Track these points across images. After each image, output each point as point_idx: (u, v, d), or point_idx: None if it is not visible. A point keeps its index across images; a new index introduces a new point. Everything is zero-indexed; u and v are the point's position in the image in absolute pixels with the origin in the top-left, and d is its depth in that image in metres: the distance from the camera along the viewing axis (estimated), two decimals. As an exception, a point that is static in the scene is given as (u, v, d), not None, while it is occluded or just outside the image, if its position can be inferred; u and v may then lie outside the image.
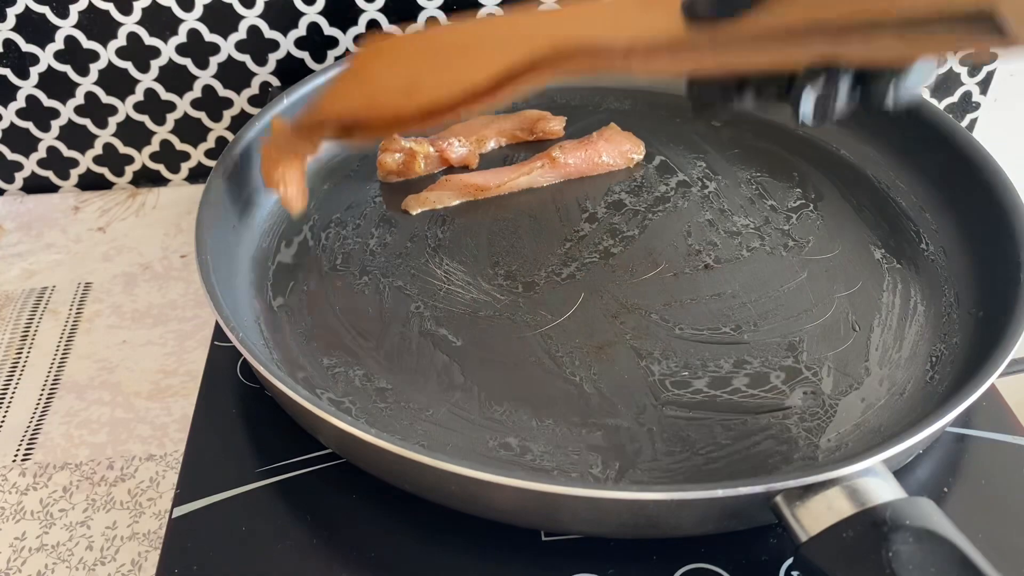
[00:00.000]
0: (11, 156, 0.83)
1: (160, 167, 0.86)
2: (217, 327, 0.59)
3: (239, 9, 0.78)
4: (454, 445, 0.50)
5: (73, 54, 0.79)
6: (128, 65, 0.80)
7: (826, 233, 0.64)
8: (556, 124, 0.73)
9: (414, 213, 0.67)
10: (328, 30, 0.80)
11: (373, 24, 0.80)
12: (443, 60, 0.53)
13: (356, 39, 0.81)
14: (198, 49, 0.80)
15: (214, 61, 0.81)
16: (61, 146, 0.83)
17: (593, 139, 0.70)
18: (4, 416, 0.62)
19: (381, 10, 0.80)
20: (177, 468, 0.56)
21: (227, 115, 0.84)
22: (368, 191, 0.69)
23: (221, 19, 0.78)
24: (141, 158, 0.85)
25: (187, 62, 0.80)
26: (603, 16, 0.47)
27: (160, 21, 0.78)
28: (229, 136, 0.85)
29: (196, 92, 0.82)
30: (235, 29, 0.79)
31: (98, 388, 0.64)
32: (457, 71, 0.51)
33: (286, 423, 0.52)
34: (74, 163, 0.84)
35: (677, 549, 0.46)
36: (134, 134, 0.83)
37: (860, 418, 0.52)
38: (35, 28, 0.77)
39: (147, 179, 0.86)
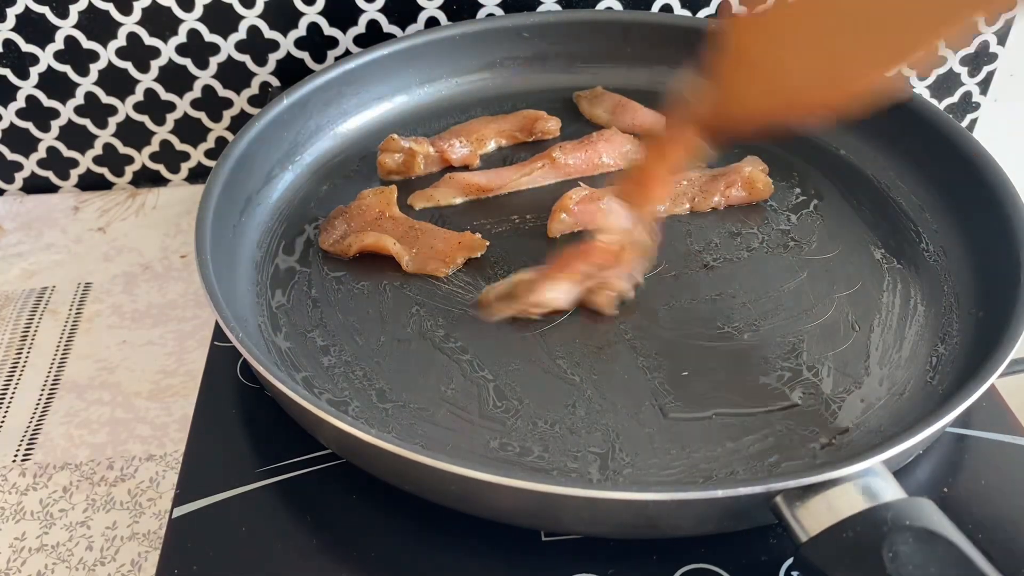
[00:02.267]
0: (11, 156, 0.83)
1: (160, 167, 0.86)
2: (217, 327, 0.59)
3: (239, 9, 0.78)
4: (454, 445, 0.50)
5: (73, 54, 0.79)
6: (128, 65, 0.80)
7: (826, 233, 0.64)
8: (552, 124, 0.73)
9: (417, 208, 0.67)
10: (328, 30, 0.80)
11: (373, 24, 0.80)
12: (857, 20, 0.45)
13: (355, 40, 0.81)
14: (198, 49, 0.80)
15: (214, 61, 0.81)
16: (61, 146, 0.83)
17: (593, 140, 0.70)
18: (4, 416, 0.62)
19: (381, 10, 0.80)
20: (177, 468, 0.56)
21: (227, 115, 0.84)
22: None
23: (221, 19, 0.78)
24: (141, 158, 0.85)
25: (187, 62, 0.80)
26: None
27: (160, 21, 0.78)
28: (229, 136, 0.85)
29: (196, 92, 0.82)
30: (235, 29, 0.79)
31: (98, 388, 0.64)
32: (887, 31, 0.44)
33: (286, 423, 0.52)
34: (74, 163, 0.84)
35: (677, 549, 0.46)
36: (134, 134, 0.83)
37: (860, 418, 0.52)
38: (35, 28, 0.77)
39: (147, 179, 0.86)
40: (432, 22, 0.81)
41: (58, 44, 0.78)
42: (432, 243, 0.62)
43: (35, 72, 0.79)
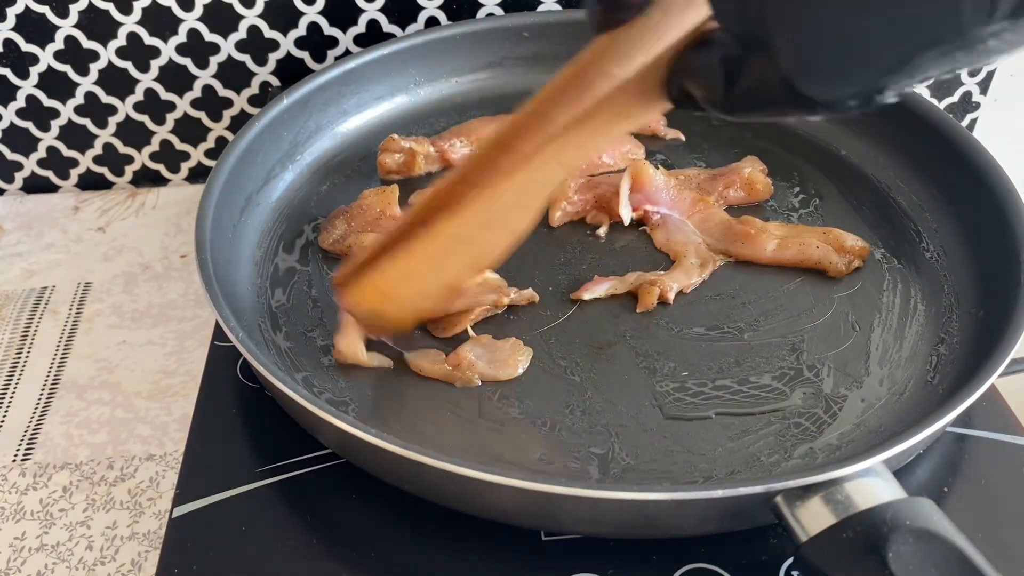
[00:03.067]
0: (11, 156, 0.83)
1: (160, 167, 0.86)
2: (217, 327, 0.59)
3: (239, 9, 0.78)
4: (454, 445, 0.50)
5: (73, 54, 0.79)
6: (128, 65, 0.80)
7: (826, 233, 0.64)
8: None
9: None
10: (328, 30, 0.80)
11: (373, 24, 0.80)
12: (456, 253, 0.50)
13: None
14: (198, 49, 0.80)
15: (214, 61, 0.81)
16: (61, 146, 0.83)
17: (593, 139, 0.70)
18: (4, 416, 0.62)
19: (381, 10, 0.80)
20: (177, 468, 0.56)
21: (227, 115, 0.84)
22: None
23: (221, 19, 0.78)
24: (141, 158, 0.85)
25: (187, 62, 0.80)
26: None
27: (160, 21, 0.78)
28: (229, 136, 0.84)
29: (196, 92, 0.82)
30: (235, 29, 0.79)
31: (98, 388, 0.64)
32: (481, 249, 0.50)
33: (286, 423, 0.52)
34: (74, 163, 0.84)
35: (677, 549, 0.46)
36: (134, 134, 0.83)
37: (860, 418, 0.52)
38: (35, 28, 0.77)
39: (147, 179, 0.86)
40: (432, 22, 0.81)
41: (58, 44, 0.78)
42: None
43: (35, 72, 0.79)
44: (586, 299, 0.59)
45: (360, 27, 0.81)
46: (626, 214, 0.63)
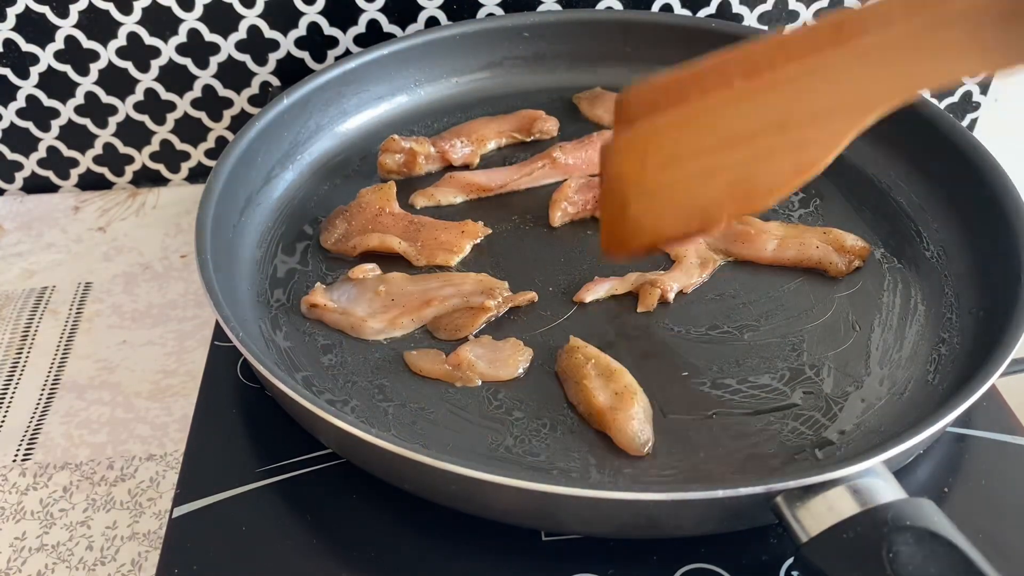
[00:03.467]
0: (11, 156, 0.83)
1: (160, 167, 0.86)
2: (217, 327, 0.59)
3: (239, 9, 0.78)
4: (454, 445, 0.50)
5: (73, 54, 0.79)
6: (128, 65, 0.80)
7: (826, 233, 0.64)
8: (551, 125, 0.73)
9: (419, 207, 0.67)
10: (328, 30, 0.80)
11: (373, 24, 0.80)
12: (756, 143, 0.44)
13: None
14: (198, 49, 0.80)
15: (214, 61, 0.81)
16: (61, 146, 0.83)
17: (593, 139, 0.70)
18: (4, 416, 0.62)
19: (381, 10, 0.80)
20: (177, 468, 0.56)
21: (227, 115, 0.84)
22: (368, 191, 0.69)
23: (221, 19, 0.78)
24: (141, 158, 0.85)
25: (187, 62, 0.80)
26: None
27: (160, 21, 0.78)
28: (229, 136, 0.84)
29: (196, 92, 0.82)
30: (235, 29, 0.79)
31: (98, 388, 0.64)
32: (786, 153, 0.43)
33: (286, 423, 0.52)
34: (74, 163, 0.84)
35: (677, 549, 0.46)
36: (134, 134, 0.83)
37: (860, 418, 0.52)
38: (35, 28, 0.77)
39: (147, 179, 0.86)
40: (432, 22, 0.81)
41: (58, 44, 0.78)
42: (435, 235, 0.63)
43: (35, 72, 0.79)
44: (587, 301, 0.59)
45: (360, 27, 0.81)
46: None
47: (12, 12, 0.76)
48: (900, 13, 0.40)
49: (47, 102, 0.81)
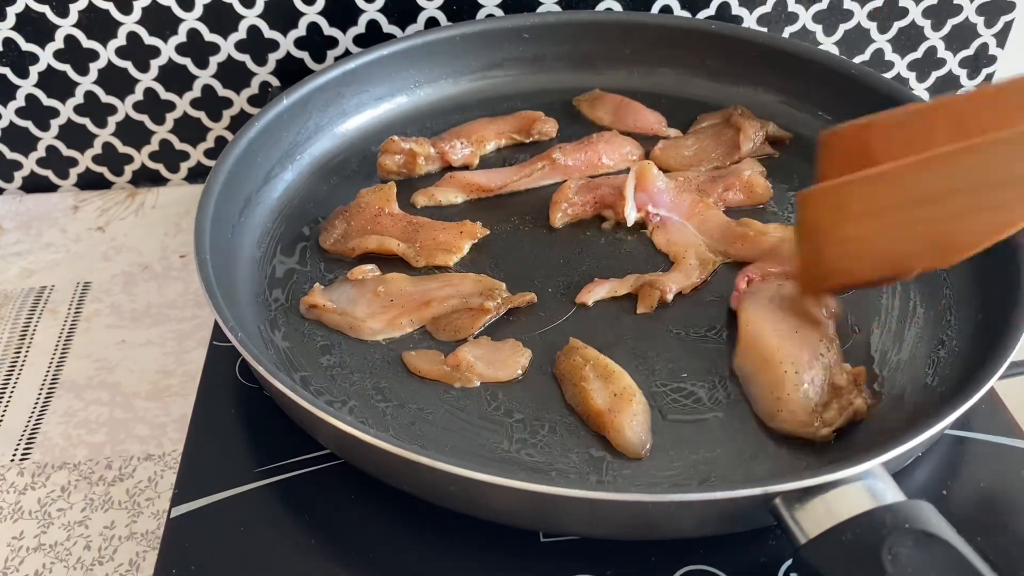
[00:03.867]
0: (10, 155, 0.83)
1: (159, 167, 0.86)
2: (216, 327, 0.59)
3: (239, 9, 0.78)
4: (453, 446, 0.50)
5: (73, 53, 0.79)
6: (128, 64, 0.80)
7: (826, 235, 0.64)
8: (550, 126, 0.73)
9: (419, 207, 0.67)
10: (328, 30, 0.80)
11: (373, 24, 0.80)
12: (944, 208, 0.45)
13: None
14: (198, 49, 0.80)
15: (214, 61, 0.80)
16: (60, 145, 0.83)
17: (593, 141, 0.70)
18: (2, 415, 0.62)
19: (381, 10, 0.80)
20: (175, 468, 0.56)
21: (227, 115, 0.84)
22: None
23: (221, 19, 0.78)
24: (140, 157, 0.85)
25: (187, 62, 0.80)
26: None
27: (160, 20, 0.78)
28: (228, 136, 0.84)
29: (196, 92, 0.82)
30: (235, 29, 0.79)
31: (97, 388, 0.64)
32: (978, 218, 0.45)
33: (285, 423, 0.52)
34: (73, 162, 0.84)
35: (676, 551, 0.46)
36: (133, 133, 0.83)
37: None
38: (35, 27, 0.77)
39: (146, 178, 0.86)
40: (432, 22, 0.81)
41: (58, 43, 0.78)
42: (434, 235, 0.63)
43: (35, 71, 0.79)
44: (590, 304, 0.59)
45: (360, 27, 0.81)
46: (631, 213, 0.63)
47: (12, 11, 0.76)
48: None
49: (46, 101, 0.81)
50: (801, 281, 0.55)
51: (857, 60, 0.86)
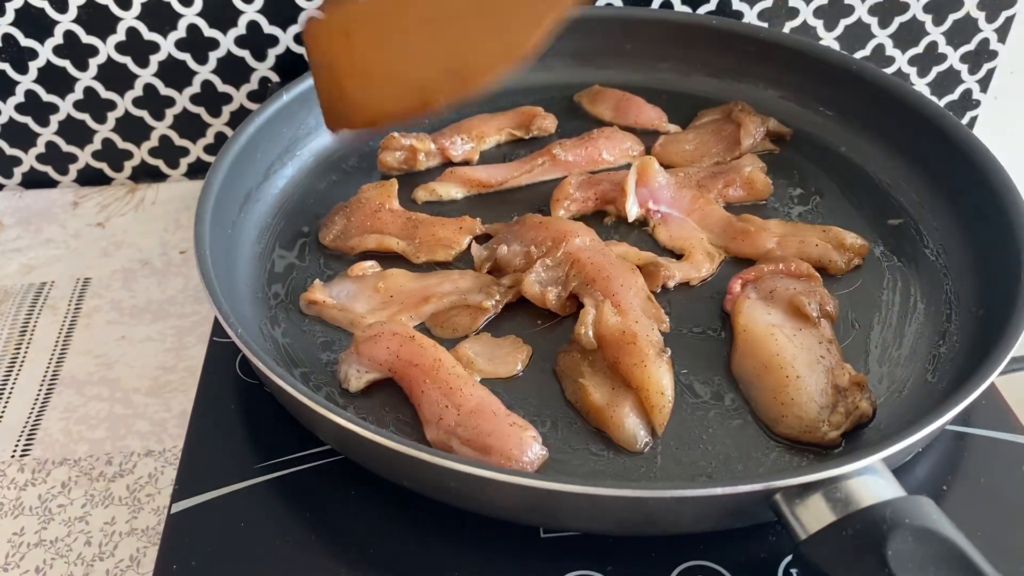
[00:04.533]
0: (10, 151, 0.83)
1: (159, 162, 0.86)
2: (216, 323, 0.59)
3: (238, 4, 0.78)
4: (453, 442, 0.50)
5: (72, 49, 0.79)
6: (127, 60, 0.80)
7: (826, 231, 0.64)
8: (549, 122, 0.73)
9: (420, 202, 0.67)
10: (328, 26, 0.80)
11: (373, 20, 0.80)
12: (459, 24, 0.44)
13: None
14: (197, 44, 0.80)
15: (213, 56, 0.80)
16: (60, 141, 0.83)
17: (593, 136, 0.70)
18: (3, 411, 0.62)
19: (381, 6, 0.79)
20: (176, 464, 0.56)
21: (226, 110, 0.84)
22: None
23: (220, 14, 0.78)
24: (140, 153, 0.85)
25: (186, 57, 0.80)
26: None
27: (159, 16, 0.78)
28: (228, 131, 0.84)
29: (195, 87, 0.82)
30: (234, 24, 0.79)
31: (97, 384, 0.64)
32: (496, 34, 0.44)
33: (285, 419, 0.52)
34: (73, 158, 0.84)
35: (676, 546, 0.46)
36: (133, 129, 0.83)
37: (859, 416, 0.52)
38: (34, 23, 0.77)
39: (146, 174, 0.86)
40: (432, 18, 0.80)
41: (57, 39, 0.78)
42: (433, 231, 0.63)
43: (34, 67, 0.79)
44: None
45: (360, 23, 0.80)
46: (633, 208, 0.63)
47: (11, 7, 0.76)
48: None
49: (46, 97, 0.81)
50: (327, 118, 0.52)
51: (858, 55, 0.86)
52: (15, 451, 0.60)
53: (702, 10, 0.83)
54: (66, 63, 0.79)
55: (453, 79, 0.46)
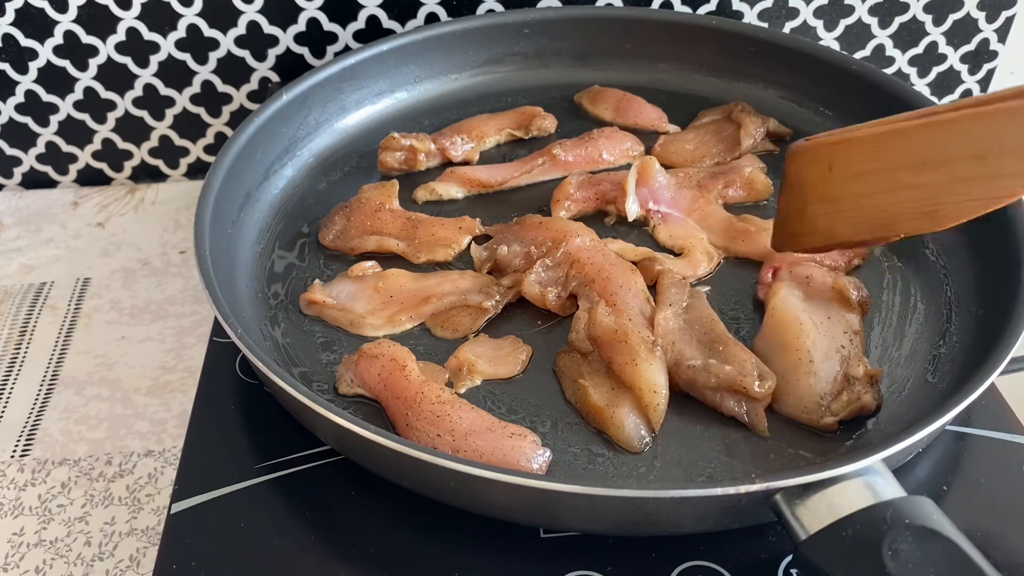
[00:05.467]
0: (10, 151, 0.83)
1: (159, 162, 0.86)
2: (216, 323, 0.59)
3: (238, 4, 0.78)
4: (453, 442, 0.50)
5: (72, 49, 0.79)
6: (127, 60, 0.80)
7: (826, 231, 0.64)
8: (548, 123, 0.73)
9: (420, 202, 0.67)
10: (328, 26, 0.80)
11: (373, 20, 0.80)
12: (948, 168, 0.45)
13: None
14: (197, 44, 0.80)
15: (213, 56, 0.80)
16: (60, 141, 0.83)
17: (593, 137, 0.70)
18: (2, 412, 0.62)
19: (381, 6, 0.79)
20: (176, 464, 0.56)
21: (226, 111, 0.84)
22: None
23: (220, 14, 0.78)
24: (140, 153, 0.85)
25: (186, 57, 0.80)
26: None
27: (159, 16, 0.78)
28: (228, 132, 0.84)
29: (195, 87, 0.82)
30: (234, 24, 0.79)
31: (97, 384, 0.64)
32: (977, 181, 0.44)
33: (285, 419, 0.52)
34: (73, 158, 0.84)
35: (676, 546, 0.46)
36: (133, 129, 0.83)
37: (860, 416, 0.52)
38: (34, 23, 0.77)
39: (146, 174, 0.86)
40: (432, 18, 0.81)
41: (57, 39, 0.78)
42: (433, 231, 0.63)
43: (34, 67, 0.79)
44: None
45: (360, 23, 0.80)
46: (633, 208, 0.63)
47: (11, 7, 0.76)
48: None
49: (46, 97, 0.81)
50: (776, 236, 0.55)
51: (858, 56, 0.86)
52: (15, 451, 0.60)
53: (702, 10, 0.83)
54: (66, 63, 0.79)
55: (923, 220, 0.48)
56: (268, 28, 0.80)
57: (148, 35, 0.79)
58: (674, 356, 0.52)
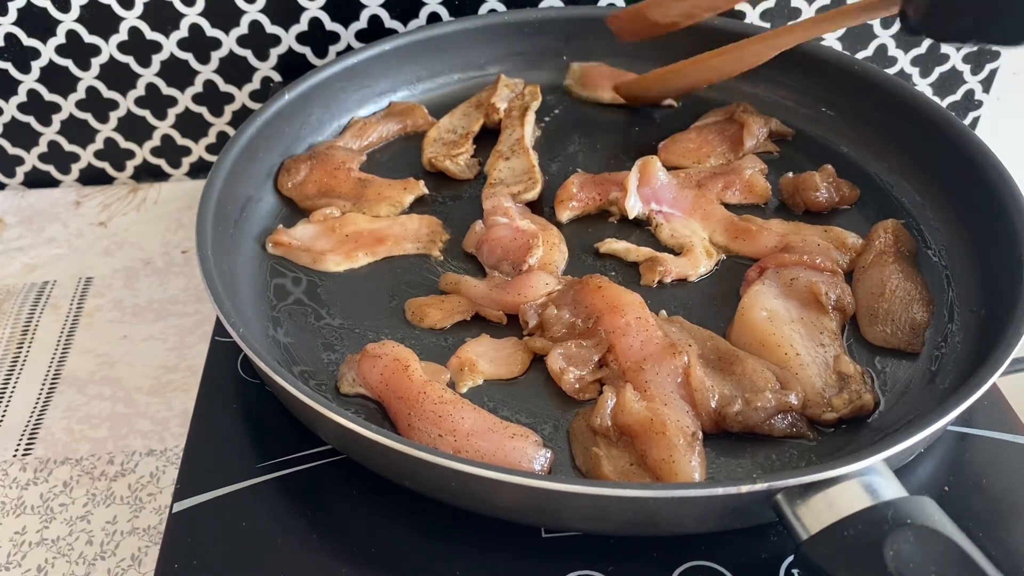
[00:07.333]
0: (12, 150, 0.83)
1: (161, 162, 0.86)
2: (218, 322, 0.59)
3: (241, 4, 0.78)
4: (454, 441, 0.50)
5: (74, 48, 0.79)
6: (129, 60, 0.80)
7: (828, 231, 0.64)
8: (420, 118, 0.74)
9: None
10: (330, 25, 0.80)
11: (375, 19, 0.80)
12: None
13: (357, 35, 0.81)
14: (200, 44, 0.80)
15: (215, 56, 0.80)
16: (62, 140, 0.83)
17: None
18: (4, 411, 0.62)
19: (383, 5, 0.79)
20: (177, 463, 0.56)
21: (228, 110, 0.84)
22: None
23: (223, 14, 0.78)
24: (142, 153, 0.85)
25: (189, 57, 0.80)
26: None
27: (162, 15, 0.78)
28: (230, 131, 0.84)
29: (197, 87, 0.82)
30: (237, 24, 0.79)
31: (99, 383, 0.64)
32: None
33: (286, 419, 0.52)
34: (75, 158, 0.84)
35: (677, 546, 0.46)
36: (135, 129, 0.83)
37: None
38: (36, 22, 0.77)
39: (148, 174, 0.86)
40: (434, 17, 0.81)
41: (60, 38, 0.78)
42: (379, 190, 0.66)
43: (36, 66, 0.79)
44: (602, 252, 0.62)
45: (362, 22, 0.80)
46: (635, 205, 0.63)
47: (13, 6, 0.76)
48: None
49: (48, 97, 0.81)
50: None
51: (860, 56, 0.86)
52: (17, 450, 0.60)
53: (704, 10, 0.82)
54: (68, 62, 0.79)
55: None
56: (270, 28, 0.80)
57: (150, 34, 0.79)
58: (715, 402, 0.50)
